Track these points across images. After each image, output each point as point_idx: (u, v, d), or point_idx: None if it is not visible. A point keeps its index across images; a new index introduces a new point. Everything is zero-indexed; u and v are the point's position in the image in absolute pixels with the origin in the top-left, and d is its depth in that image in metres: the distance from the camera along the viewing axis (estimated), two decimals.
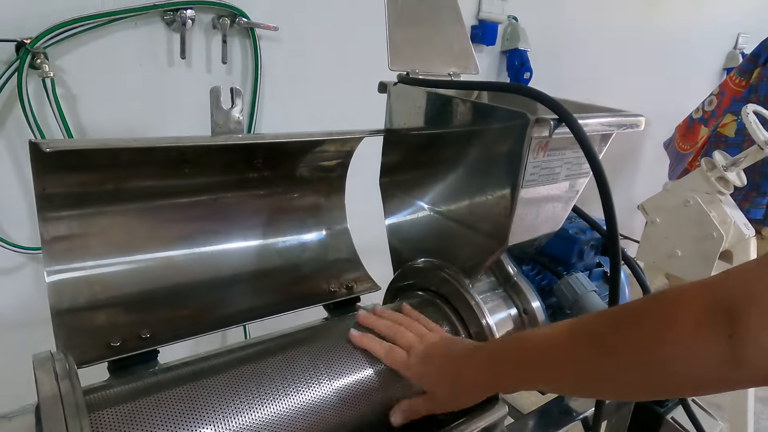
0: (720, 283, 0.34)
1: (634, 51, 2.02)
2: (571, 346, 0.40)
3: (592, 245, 0.68)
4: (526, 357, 0.44)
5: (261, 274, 0.62)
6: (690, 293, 0.35)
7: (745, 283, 0.33)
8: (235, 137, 0.52)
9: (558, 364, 0.41)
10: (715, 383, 0.34)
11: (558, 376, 0.42)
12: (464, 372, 0.46)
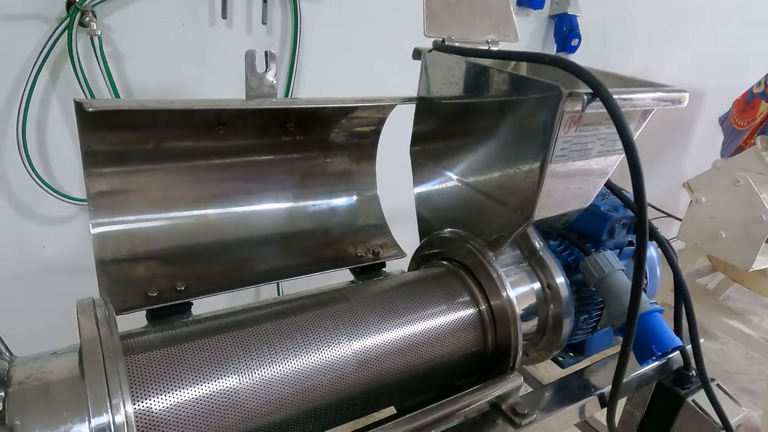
0: None
1: (691, 18, 1.89)
2: None
3: (624, 224, 0.67)
4: None
5: (291, 235, 0.64)
6: None
7: None
8: (269, 101, 0.53)
9: None
10: None
11: None
12: None
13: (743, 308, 2.18)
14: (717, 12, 1.97)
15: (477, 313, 0.55)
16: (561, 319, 0.60)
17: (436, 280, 0.58)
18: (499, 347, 0.55)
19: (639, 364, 0.57)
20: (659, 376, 0.67)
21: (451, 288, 0.56)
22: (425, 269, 0.61)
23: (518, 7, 1.42)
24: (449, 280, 0.58)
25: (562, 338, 0.61)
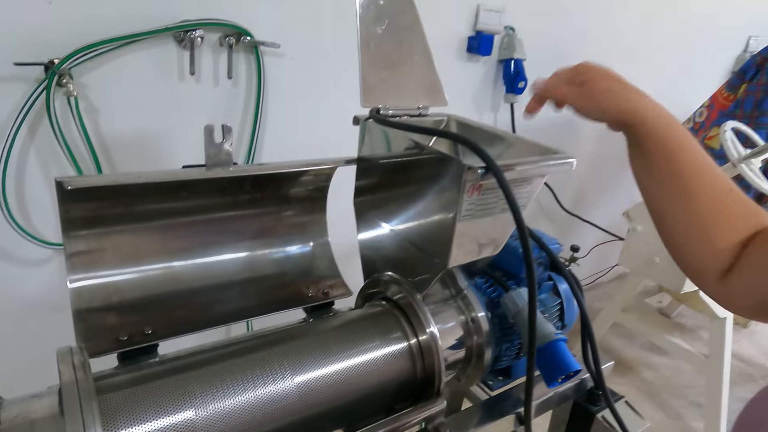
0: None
1: (637, 55, 2.05)
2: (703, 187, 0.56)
3: (540, 263, 0.77)
4: (682, 154, 0.57)
5: (250, 280, 0.73)
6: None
7: None
8: (226, 170, 0.62)
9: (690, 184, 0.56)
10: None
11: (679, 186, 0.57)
12: (638, 95, 0.59)
13: (694, 324, 2.32)
14: (662, 51, 2.14)
15: (407, 347, 0.64)
16: (483, 349, 0.70)
17: (373, 318, 0.67)
18: (427, 375, 0.64)
19: (547, 386, 0.67)
20: (576, 395, 0.77)
21: (386, 325, 0.66)
22: (366, 308, 0.71)
23: (468, 53, 1.54)
24: (385, 318, 0.67)
25: (485, 365, 0.70)
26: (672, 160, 0.56)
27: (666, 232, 0.61)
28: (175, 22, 1.04)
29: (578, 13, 1.76)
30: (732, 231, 0.55)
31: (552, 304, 0.77)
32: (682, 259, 0.61)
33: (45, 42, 0.94)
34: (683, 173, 0.56)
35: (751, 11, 2.46)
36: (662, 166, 0.57)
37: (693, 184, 0.56)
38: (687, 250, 0.59)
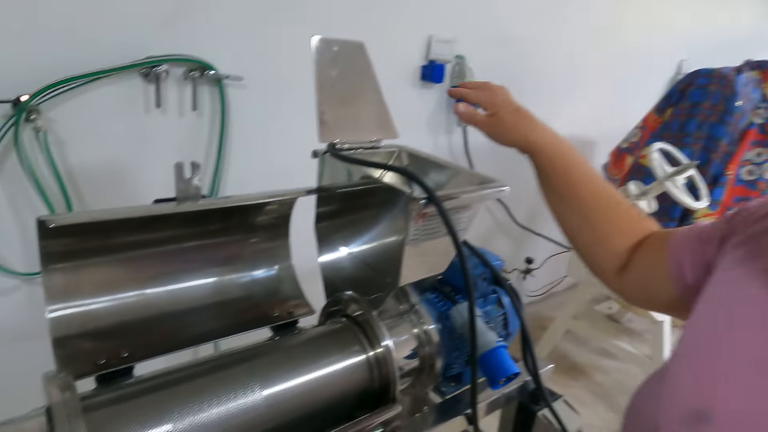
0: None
1: (580, 79, 2.21)
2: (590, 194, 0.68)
3: (484, 278, 0.86)
4: (576, 177, 0.69)
5: (219, 303, 0.78)
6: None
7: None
8: (195, 204, 0.68)
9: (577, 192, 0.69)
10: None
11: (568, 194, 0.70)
12: (537, 126, 0.73)
13: (642, 328, 2.47)
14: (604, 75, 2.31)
15: (365, 359, 0.71)
16: (435, 358, 0.77)
17: (334, 333, 0.74)
18: (383, 384, 0.71)
19: (491, 388, 0.75)
20: (520, 396, 0.86)
21: (345, 340, 0.72)
22: (328, 325, 0.77)
23: (422, 81, 1.65)
24: (345, 333, 0.74)
25: (437, 372, 0.78)
26: (568, 182, 0.69)
27: (571, 240, 0.72)
28: (140, 58, 1.09)
29: (524, 42, 1.90)
30: (623, 237, 0.66)
31: (496, 315, 0.86)
32: (586, 261, 0.71)
33: (12, 79, 0.98)
34: (578, 193, 0.68)
35: (682, 36, 2.69)
36: (561, 186, 0.70)
37: (587, 200, 0.68)
38: (589, 255, 0.70)
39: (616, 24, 2.24)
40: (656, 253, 0.62)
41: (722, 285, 0.49)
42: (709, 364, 0.46)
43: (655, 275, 0.62)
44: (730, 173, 1.55)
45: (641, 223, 0.67)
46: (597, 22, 2.13)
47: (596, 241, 0.69)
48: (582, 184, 0.68)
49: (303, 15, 1.30)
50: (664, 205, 1.57)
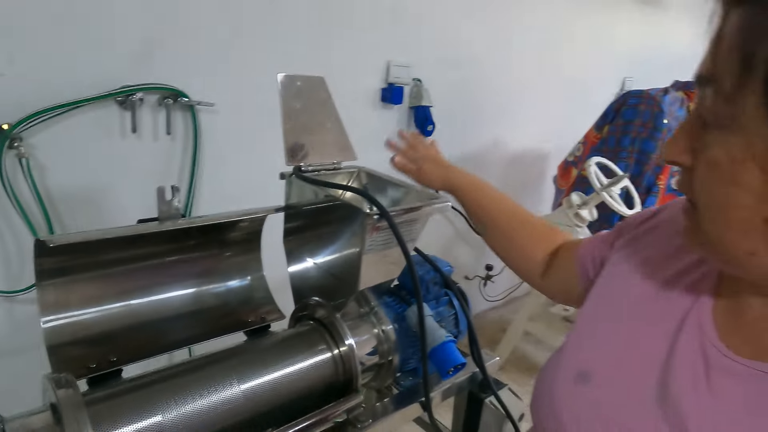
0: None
1: (531, 97, 2.38)
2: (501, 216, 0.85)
3: (435, 282, 0.97)
4: (488, 199, 0.87)
5: (197, 311, 0.87)
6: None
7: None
8: (176, 223, 0.77)
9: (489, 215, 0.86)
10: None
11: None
12: (454, 171, 0.91)
13: None
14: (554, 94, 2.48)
15: (331, 356, 0.81)
16: (392, 354, 0.87)
17: (303, 335, 0.83)
18: (347, 378, 0.81)
19: (442, 378, 0.86)
20: (470, 385, 0.97)
21: (313, 340, 0.82)
22: (297, 327, 0.87)
23: (383, 102, 1.77)
24: (312, 334, 0.83)
25: (394, 367, 0.88)
26: (485, 210, 0.85)
27: (500, 257, 0.88)
28: (116, 87, 1.18)
29: (477, 65, 2.05)
30: (538, 247, 0.79)
31: (447, 315, 0.97)
32: (515, 271, 0.85)
33: None
34: (494, 217, 0.85)
35: (624, 56, 2.91)
36: (480, 215, 0.86)
37: (502, 223, 0.84)
38: (515, 266, 0.85)
39: (563, 47, 2.43)
40: (568, 258, 0.75)
41: (610, 277, 0.62)
42: (592, 337, 0.58)
43: (568, 276, 0.74)
44: (661, 183, 1.73)
45: (551, 234, 0.81)
46: (545, 45, 2.31)
47: (517, 255, 0.84)
48: (496, 210, 0.85)
49: (270, 44, 1.40)
50: (604, 214, 1.73)
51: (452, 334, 0.93)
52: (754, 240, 0.39)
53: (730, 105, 0.38)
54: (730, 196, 0.40)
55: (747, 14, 0.37)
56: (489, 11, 1.98)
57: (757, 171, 0.37)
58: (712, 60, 0.40)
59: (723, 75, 0.38)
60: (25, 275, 1.16)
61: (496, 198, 0.86)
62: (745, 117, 0.37)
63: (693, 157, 0.43)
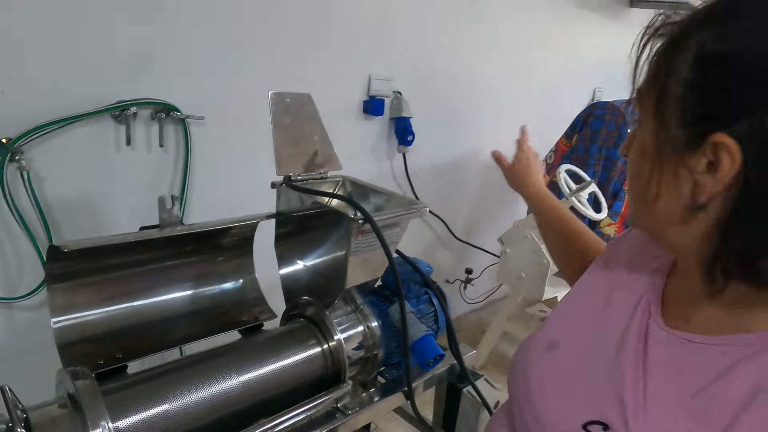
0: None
1: (507, 108, 2.48)
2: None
3: (415, 281, 1.05)
4: (551, 213, 1.00)
5: (195, 311, 0.93)
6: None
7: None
8: (175, 230, 0.84)
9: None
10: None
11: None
12: (530, 179, 1.07)
13: None
14: (528, 103, 2.59)
15: (321, 351, 0.88)
16: (377, 348, 0.95)
17: (295, 331, 0.90)
18: (336, 370, 0.88)
19: (423, 369, 0.94)
20: (449, 376, 1.04)
21: (304, 336, 0.89)
22: (288, 325, 0.94)
23: (365, 114, 1.85)
24: (303, 331, 0.90)
25: (379, 360, 0.96)
26: (549, 215, 0.99)
27: (552, 255, 1.02)
28: (112, 102, 1.24)
29: (455, 78, 2.15)
30: (586, 255, 0.89)
31: (427, 312, 1.05)
32: (562, 269, 1.00)
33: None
34: (556, 222, 0.97)
35: (594, 68, 3.05)
36: (542, 218, 1.01)
37: (561, 227, 0.95)
38: (565, 265, 0.97)
39: (536, 59, 2.55)
40: None
41: (592, 269, 0.72)
42: (565, 314, 0.69)
43: None
44: (626, 188, 1.83)
45: (598, 244, 0.92)
46: (519, 58, 2.42)
47: (571, 259, 0.95)
48: (557, 220, 0.98)
49: (257, 59, 1.48)
50: None
51: (432, 330, 1.01)
52: (651, 215, 0.54)
53: (642, 110, 0.53)
54: (633, 177, 0.56)
55: (660, 45, 0.52)
56: (465, 26, 2.09)
57: (644, 157, 0.52)
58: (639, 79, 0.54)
59: (642, 88, 0.53)
60: (23, 283, 1.21)
61: (559, 209, 1.00)
62: (646, 119, 0.52)
63: (628, 152, 0.58)
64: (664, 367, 0.51)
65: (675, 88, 0.48)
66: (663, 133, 0.50)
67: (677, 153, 0.48)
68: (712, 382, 0.46)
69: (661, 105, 0.49)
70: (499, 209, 2.63)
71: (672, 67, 0.48)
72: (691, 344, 0.50)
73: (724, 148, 0.44)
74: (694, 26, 0.48)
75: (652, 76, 0.51)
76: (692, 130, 0.47)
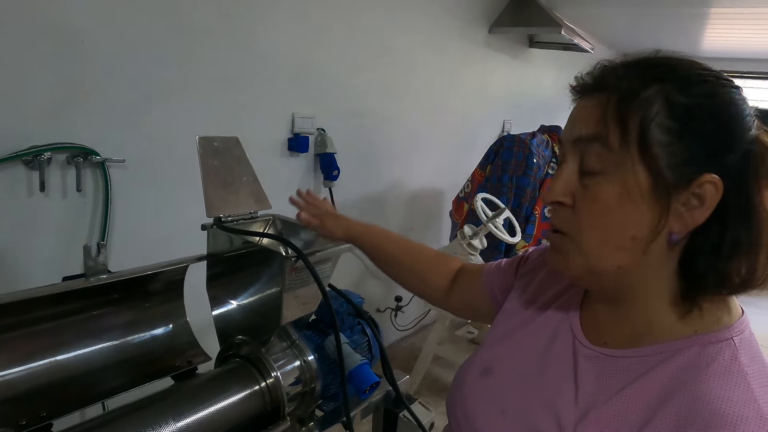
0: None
1: (422, 142, 2.63)
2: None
3: (349, 313, 1.09)
4: (385, 240, 0.97)
5: (124, 360, 0.91)
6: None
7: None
8: (101, 279, 0.82)
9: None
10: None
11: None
12: (350, 222, 0.97)
13: None
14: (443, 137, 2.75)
15: (259, 389, 0.89)
16: (315, 382, 0.97)
17: (231, 372, 0.91)
18: (275, 407, 0.89)
19: (359, 398, 0.97)
20: (385, 403, 1.08)
21: (241, 375, 0.90)
22: (223, 366, 0.94)
23: (290, 151, 1.89)
24: (240, 370, 0.91)
25: (317, 393, 0.98)
26: (385, 252, 0.96)
27: (407, 288, 1.00)
28: (24, 148, 1.19)
29: (374, 115, 2.25)
30: (439, 273, 0.93)
31: (361, 342, 1.09)
32: (420, 295, 0.99)
33: None
34: (394, 256, 0.96)
35: (502, 101, 3.30)
36: (382, 256, 0.97)
37: (402, 258, 0.95)
38: (420, 291, 0.98)
39: (448, 96, 2.73)
40: (473, 281, 0.90)
41: (513, 299, 0.79)
42: (495, 342, 0.75)
43: (475, 295, 0.89)
44: (537, 213, 2.02)
45: (445, 259, 0.96)
46: (433, 94, 2.59)
47: (420, 281, 0.96)
48: (394, 250, 0.96)
49: (180, 101, 1.48)
50: (493, 242, 1.97)
51: (367, 359, 1.05)
52: (623, 255, 0.54)
53: (616, 155, 0.52)
54: (612, 221, 0.54)
55: (613, 96, 0.53)
56: (380, 68, 2.21)
57: (631, 200, 0.52)
58: (596, 125, 0.54)
59: (610, 136, 0.53)
60: None
61: (392, 238, 0.98)
62: (627, 162, 0.52)
63: (573, 198, 0.57)
64: (592, 379, 0.59)
65: (659, 135, 0.51)
66: (656, 177, 0.51)
67: (670, 193, 0.51)
68: (631, 385, 0.54)
69: (648, 151, 0.51)
70: (424, 238, 2.74)
71: (646, 116, 0.51)
72: (612, 358, 0.59)
73: (710, 185, 0.50)
74: (644, 82, 0.53)
75: (620, 125, 0.52)
76: (683, 170, 0.51)
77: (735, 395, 0.47)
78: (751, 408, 0.46)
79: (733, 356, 0.51)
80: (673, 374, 0.52)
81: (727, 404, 0.47)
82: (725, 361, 0.50)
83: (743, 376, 0.49)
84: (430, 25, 2.42)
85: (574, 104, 0.59)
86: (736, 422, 0.45)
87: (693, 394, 0.49)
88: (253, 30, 1.63)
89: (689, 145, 0.51)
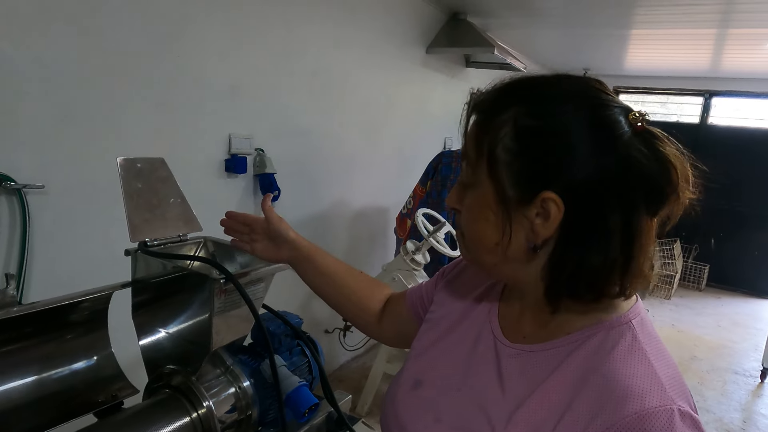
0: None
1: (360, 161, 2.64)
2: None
3: (286, 334, 1.06)
4: (322, 261, 0.94)
5: (41, 399, 0.84)
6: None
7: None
8: (12, 311, 0.77)
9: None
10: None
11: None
12: (284, 249, 0.93)
13: None
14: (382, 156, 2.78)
15: (190, 420, 0.85)
16: (251, 408, 0.94)
17: (159, 404, 0.86)
18: None
19: (298, 421, 0.95)
20: (327, 424, 1.06)
21: (170, 407, 0.85)
22: (152, 398, 0.89)
23: (227, 172, 1.85)
24: (169, 401, 0.86)
25: (254, 420, 0.94)
26: (321, 273, 0.94)
27: (337, 309, 0.98)
28: None
29: (310, 134, 2.25)
30: (373, 300, 0.93)
31: (301, 363, 1.06)
32: (352, 321, 0.98)
33: None
34: (330, 276, 0.94)
35: (441, 119, 3.39)
36: (317, 277, 0.95)
37: (337, 280, 0.94)
38: (353, 317, 0.97)
39: (387, 114, 2.77)
40: (400, 305, 0.91)
41: (435, 310, 0.80)
42: (423, 354, 0.75)
43: (403, 320, 0.89)
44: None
45: (380, 288, 0.96)
46: (370, 113, 2.62)
47: (355, 307, 0.95)
48: (330, 271, 0.94)
49: (106, 124, 1.42)
50: (435, 256, 1.99)
51: (307, 380, 1.03)
52: (492, 256, 0.60)
53: (475, 171, 0.60)
54: (478, 228, 0.61)
55: (478, 118, 0.60)
56: (315, 88, 2.22)
57: (487, 211, 0.59)
58: (469, 144, 0.61)
59: (470, 154, 0.60)
60: None
61: (329, 261, 0.96)
62: (481, 178, 0.59)
63: (460, 205, 0.64)
64: (516, 376, 0.62)
65: (503, 155, 0.57)
66: (501, 193, 0.57)
67: (515, 207, 0.57)
68: (551, 376, 0.58)
69: (494, 169, 0.57)
70: (368, 255, 2.74)
71: (495, 138, 0.57)
72: (532, 353, 0.62)
73: (551, 201, 0.54)
74: (504, 104, 0.58)
75: (478, 146, 0.59)
76: (524, 188, 0.56)
77: (639, 371, 0.53)
78: (654, 381, 0.52)
79: (634, 337, 0.56)
80: (584, 359, 0.56)
81: (633, 380, 0.52)
82: (627, 343, 0.56)
83: (644, 353, 0.55)
84: (366, 45, 2.46)
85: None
86: (642, 394, 0.50)
87: (604, 374, 0.54)
88: (184, 51, 1.60)
89: (528, 164, 0.56)
